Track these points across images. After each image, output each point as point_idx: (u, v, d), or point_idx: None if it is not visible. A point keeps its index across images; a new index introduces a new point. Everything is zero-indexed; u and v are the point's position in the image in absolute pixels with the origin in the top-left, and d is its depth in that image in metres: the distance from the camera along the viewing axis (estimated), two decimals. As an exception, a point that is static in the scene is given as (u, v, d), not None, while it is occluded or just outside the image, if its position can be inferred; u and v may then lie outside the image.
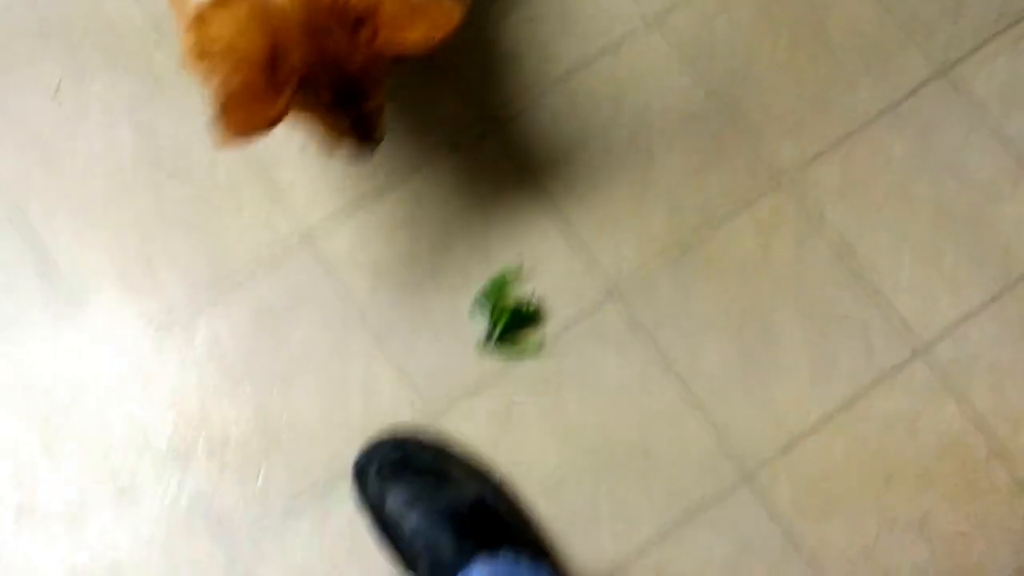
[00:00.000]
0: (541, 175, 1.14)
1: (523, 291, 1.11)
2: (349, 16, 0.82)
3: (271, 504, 1.04)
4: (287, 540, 1.03)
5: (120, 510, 1.04)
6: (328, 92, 0.85)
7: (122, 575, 1.03)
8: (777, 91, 1.18)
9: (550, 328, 1.10)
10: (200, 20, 0.81)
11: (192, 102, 1.13)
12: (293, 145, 1.13)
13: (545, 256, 1.12)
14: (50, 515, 1.04)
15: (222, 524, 1.04)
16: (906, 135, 1.17)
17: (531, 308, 1.09)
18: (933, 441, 1.09)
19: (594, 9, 1.19)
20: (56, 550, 1.03)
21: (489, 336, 1.08)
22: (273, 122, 0.80)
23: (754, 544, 1.06)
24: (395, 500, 1.00)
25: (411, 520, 0.98)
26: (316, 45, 0.81)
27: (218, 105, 0.79)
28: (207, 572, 1.03)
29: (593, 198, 1.13)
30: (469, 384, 1.08)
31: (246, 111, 0.80)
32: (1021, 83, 1.20)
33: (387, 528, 1.00)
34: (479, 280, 1.10)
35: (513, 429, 1.07)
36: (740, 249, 1.13)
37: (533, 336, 1.09)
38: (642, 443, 1.07)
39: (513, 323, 1.08)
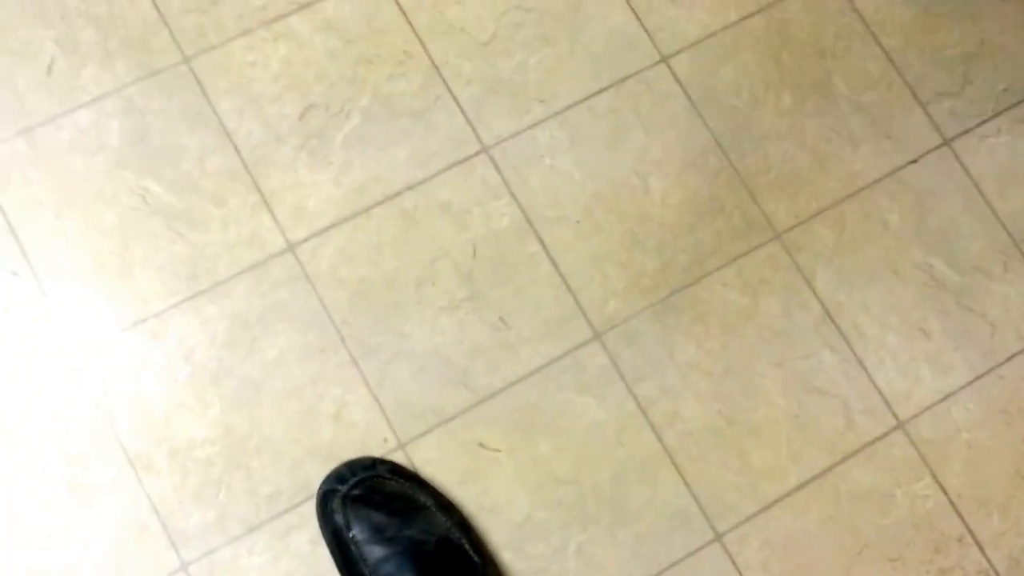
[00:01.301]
0: (532, 210, 1.12)
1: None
2: None
3: (229, 521, 1.01)
4: (242, 560, 1.00)
5: (72, 509, 1.00)
6: None
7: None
8: (778, 142, 1.17)
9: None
10: None
11: (187, 101, 1.09)
12: (284, 155, 1.09)
13: (532, 296, 1.09)
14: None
15: (176, 535, 1.00)
16: (903, 203, 1.17)
17: None
18: (907, 519, 1.08)
19: (605, 42, 1.17)
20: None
21: None
22: None
23: (718, 606, 1.04)
24: (360, 529, 0.97)
25: (375, 552, 0.96)
26: None
27: None
28: (154, 585, 1.00)
29: (583, 240, 1.12)
30: (443, 418, 1.05)
31: None
32: (1021, 163, 1.19)
33: (348, 557, 0.97)
34: (466, 303, 1.08)
35: (483, 470, 1.05)
36: (726, 306, 1.12)
37: None
38: (613, 495, 1.05)
39: None
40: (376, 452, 1.04)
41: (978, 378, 1.13)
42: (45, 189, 1.07)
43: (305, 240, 1.09)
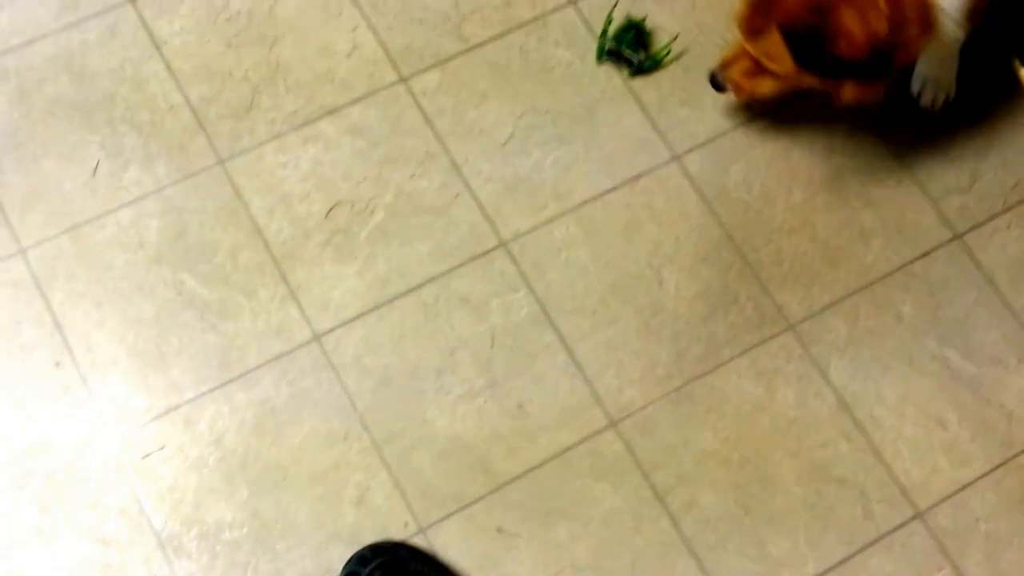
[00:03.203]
0: (549, 301, 1.22)
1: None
2: None
3: (252, 606, 1.09)
4: (265, 645, 1.08)
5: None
6: None
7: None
8: (790, 237, 1.27)
9: (547, 455, 1.17)
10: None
11: (222, 200, 1.24)
12: (311, 250, 1.23)
13: (549, 384, 1.20)
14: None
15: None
16: (916, 295, 1.25)
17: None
18: (926, 608, 1.14)
19: (619, 142, 1.30)
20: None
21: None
22: None
23: None
24: None
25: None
26: None
27: None
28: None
29: (599, 330, 1.22)
30: (463, 503, 1.14)
31: None
32: (1032, 257, 1.29)
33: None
34: (485, 391, 1.18)
35: (502, 555, 1.12)
36: (741, 395, 1.20)
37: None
38: (632, 583, 1.13)
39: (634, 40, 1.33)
40: (397, 536, 1.11)
41: (996, 468, 1.20)
42: (87, 283, 1.19)
43: (330, 331, 1.20)
